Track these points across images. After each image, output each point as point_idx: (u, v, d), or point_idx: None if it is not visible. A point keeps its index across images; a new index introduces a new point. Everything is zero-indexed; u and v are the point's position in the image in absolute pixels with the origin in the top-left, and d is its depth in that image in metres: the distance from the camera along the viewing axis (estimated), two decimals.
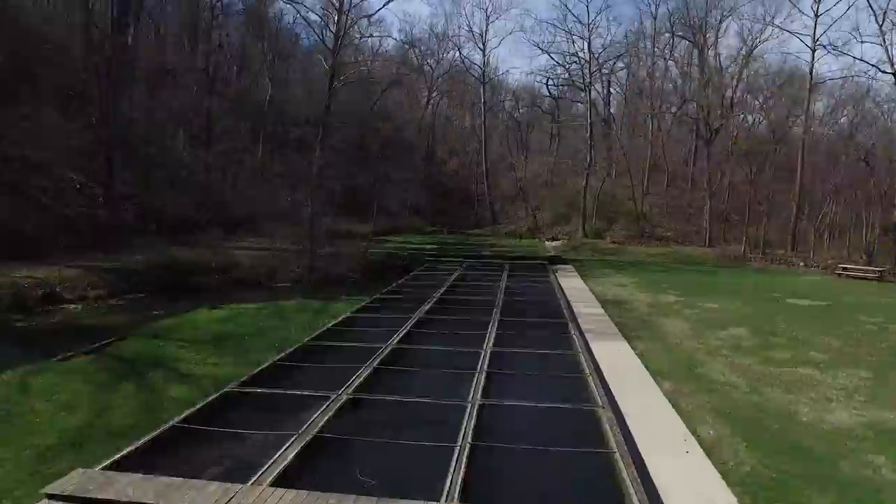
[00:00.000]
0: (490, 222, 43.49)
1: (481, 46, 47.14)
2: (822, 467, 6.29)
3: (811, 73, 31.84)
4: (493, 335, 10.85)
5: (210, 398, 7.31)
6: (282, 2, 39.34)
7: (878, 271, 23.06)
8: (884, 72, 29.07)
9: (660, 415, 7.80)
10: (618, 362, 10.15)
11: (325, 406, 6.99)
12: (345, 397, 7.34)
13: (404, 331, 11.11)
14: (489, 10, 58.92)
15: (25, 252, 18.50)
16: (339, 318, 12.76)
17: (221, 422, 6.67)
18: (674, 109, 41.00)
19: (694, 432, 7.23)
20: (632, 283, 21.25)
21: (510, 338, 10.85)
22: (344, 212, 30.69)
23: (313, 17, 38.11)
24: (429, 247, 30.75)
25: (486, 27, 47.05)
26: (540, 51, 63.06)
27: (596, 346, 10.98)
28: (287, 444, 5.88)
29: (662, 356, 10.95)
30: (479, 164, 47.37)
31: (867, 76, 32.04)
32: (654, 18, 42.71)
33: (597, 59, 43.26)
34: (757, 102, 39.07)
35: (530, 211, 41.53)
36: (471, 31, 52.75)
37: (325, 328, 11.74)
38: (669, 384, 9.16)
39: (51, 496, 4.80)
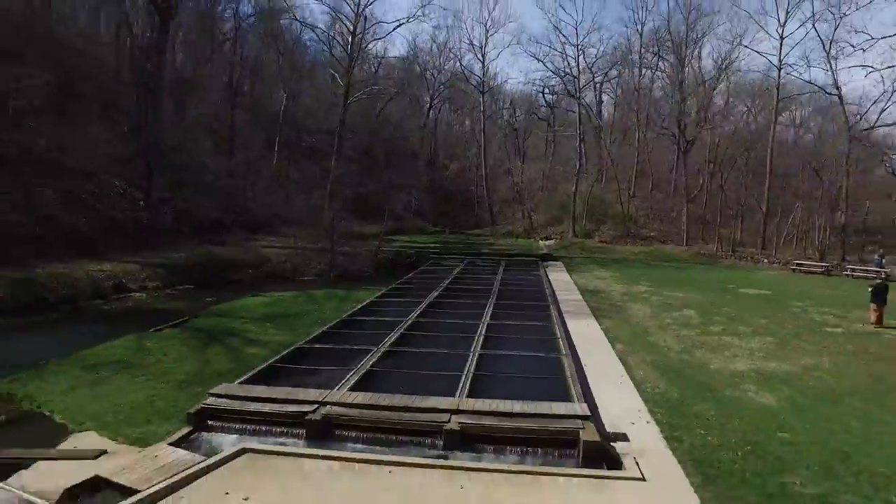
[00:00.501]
0: (489, 223, 46.32)
1: (480, 58, 49.98)
2: (710, 392, 9.26)
3: (778, 89, 35.04)
4: (490, 313, 13.85)
5: (287, 350, 10.28)
6: (298, 23, 42.13)
7: (825, 266, 26.18)
8: (829, 93, 32.34)
9: (608, 364, 10.75)
10: (585, 332, 13.11)
11: (369, 354, 9.93)
12: (383, 349, 10.30)
13: (419, 310, 14.08)
14: (488, 24, 61.60)
15: (85, 250, 21.45)
16: (365, 302, 15.72)
17: (300, 363, 9.64)
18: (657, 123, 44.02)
19: (630, 374, 10.18)
20: (612, 277, 24.23)
21: (503, 314, 13.85)
22: (355, 215, 33.68)
23: (323, 30, 41.01)
24: (432, 246, 33.70)
25: (486, 40, 49.78)
26: (536, 61, 66.07)
27: (570, 322, 13.94)
28: (350, 374, 8.81)
29: (623, 329, 13.90)
30: (478, 168, 50.11)
31: (821, 95, 35.28)
32: (641, 36, 45.80)
33: (590, 68, 46.15)
34: (745, 107, 42.15)
35: (526, 213, 44.44)
36: (471, 43, 55.48)
37: (355, 309, 14.69)
38: (622, 347, 12.12)
39: (212, 394, 7.76)
